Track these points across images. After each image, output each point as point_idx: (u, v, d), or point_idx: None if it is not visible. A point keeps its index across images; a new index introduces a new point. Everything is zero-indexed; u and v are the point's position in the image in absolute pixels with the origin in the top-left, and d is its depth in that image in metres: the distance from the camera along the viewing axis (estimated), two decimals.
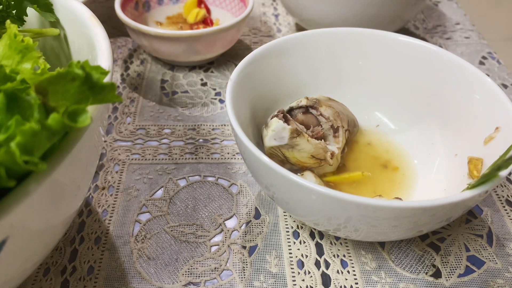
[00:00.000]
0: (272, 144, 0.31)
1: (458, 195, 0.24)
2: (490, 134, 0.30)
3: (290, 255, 0.31)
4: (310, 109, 0.34)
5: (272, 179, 0.26)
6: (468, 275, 0.30)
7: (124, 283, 0.29)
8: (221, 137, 0.40)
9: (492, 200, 0.35)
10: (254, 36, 0.55)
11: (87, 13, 0.27)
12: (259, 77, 0.35)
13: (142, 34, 0.44)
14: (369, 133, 0.38)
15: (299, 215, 0.29)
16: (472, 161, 0.30)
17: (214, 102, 0.45)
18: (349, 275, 0.30)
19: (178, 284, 0.29)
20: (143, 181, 0.36)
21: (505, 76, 0.48)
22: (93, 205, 0.34)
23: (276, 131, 0.31)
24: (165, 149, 0.39)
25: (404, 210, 0.23)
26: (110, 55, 0.24)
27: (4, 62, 0.23)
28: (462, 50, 0.53)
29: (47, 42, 0.31)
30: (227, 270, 0.30)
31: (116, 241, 0.32)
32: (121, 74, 0.48)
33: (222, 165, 0.38)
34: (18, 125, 0.16)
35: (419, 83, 0.36)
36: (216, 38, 0.45)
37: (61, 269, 0.30)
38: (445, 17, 0.60)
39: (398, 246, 0.32)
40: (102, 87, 0.17)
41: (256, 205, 0.34)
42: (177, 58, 0.47)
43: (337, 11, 0.46)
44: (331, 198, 0.24)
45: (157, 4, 0.53)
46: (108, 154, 0.38)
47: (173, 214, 0.34)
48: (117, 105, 0.44)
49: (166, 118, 0.42)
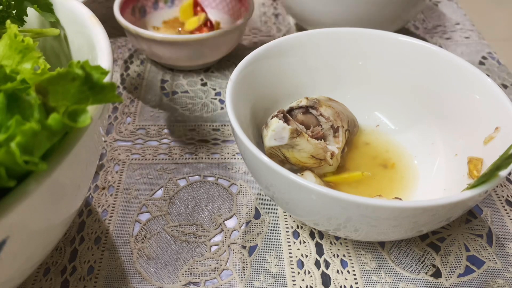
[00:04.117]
0: (272, 144, 0.31)
1: (458, 195, 0.24)
2: (490, 134, 0.30)
3: (290, 255, 0.31)
4: (310, 109, 0.34)
5: (272, 179, 0.26)
6: (468, 275, 0.30)
7: (124, 283, 0.29)
8: (221, 137, 0.40)
9: (492, 200, 0.35)
10: (254, 36, 0.55)
11: (87, 13, 0.27)
12: (259, 77, 0.35)
13: (143, 39, 0.44)
14: (369, 133, 0.38)
15: (299, 215, 0.29)
16: (472, 161, 0.30)
17: (214, 102, 0.45)
18: (349, 275, 0.30)
19: (178, 284, 0.29)
20: (143, 181, 0.36)
21: (505, 76, 0.48)
22: (93, 205, 0.34)
23: (276, 131, 0.31)
24: (165, 149, 0.39)
25: (404, 210, 0.23)
26: (110, 55, 0.24)
27: (4, 62, 0.23)
28: (462, 50, 0.53)
29: (47, 42, 0.31)
30: (227, 270, 0.30)
31: (116, 241, 0.32)
32: (121, 74, 0.48)
33: (222, 165, 0.38)
34: (18, 125, 0.16)
35: (419, 83, 0.36)
36: (222, 40, 0.44)
37: (61, 269, 0.30)
38: (445, 17, 0.60)
39: (398, 246, 0.32)
40: (102, 87, 0.17)
41: (256, 205, 0.34)
42: (179, 62, 0.46)
43: (337, 11, 0.46)
44: (331, 198, 0.24)
45: (152, 9, 0.52)
46: (108, 154, 0.38)
47: (173, 214, 0.34)
48: (117, 105, 0.44)
49: (166, 118, 0.42)
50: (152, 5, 0.52)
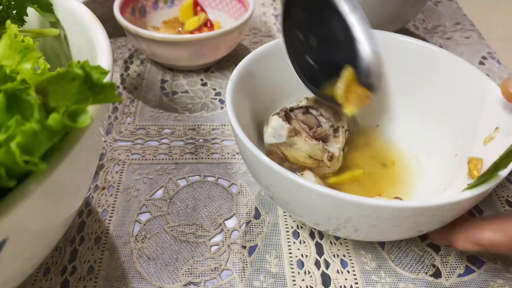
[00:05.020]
0: (271, 141, 0.31)
1: (458, 195, 0.24)
2: (490, 134, 0.30)
3: (290, 255, 0.31)
4: (310, 109, 0.34)
5: (272, 179, 0.26)
6: (468, 275, 0.30)
7: (124, 283, 0.29)
8: (221, 137, 0.40)
9: (492, 200, 0.35)
10: (254, 36, 0.55)
11: (87, 13, 0.27)
12: (259, 77, 0.35)
13: (143, 39, 0.44)
14: (369, 133, 0.38)
15: (299, 215, 0.29)
16: (472, 161, 0.30)
17: (214, 102, 0.45)
18: (349, 275, 0.30)
19: (178, 284, 0.29)
20: (143, 181, 0.36)
21: (505, 76, 0.48)
22: (93, 205, 0.34)
23: (275, 128, 0.31)
24: (165, 149, 0.39)
25: (404, 210, 0.23)
26: (110, 55, 0.24)
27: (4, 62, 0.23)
28: (462, 50, 0.53)
29: (47, 42, 0.31)
30: (227, 270, 0.30)
31: (116, 241, 0.32)
32: (121, 74, 0.48)
33: (222, 165, 0.38)
34: (18, 125, 0.16)
35: (419, 83, 0.36)
36: (222, 40, 0.44)
37: (61, 269, 0.30)
38: (445, 17, 0.60)
39: (398, 246, 0.32)
40: (102, 87, 0.17)
41: (256, 205, 0.34)
42: (179, 62, 0.46)
43: None
44: (331, 198, 0.24)
45: (152, 9, 0.52)
46: (108, 154, 0.38)
47: (173, 214, 0.34)
48: (117, 105, 0.44)
49: (166, 118, 0.42)
50: (152, 5, 0.52)
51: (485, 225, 0.26)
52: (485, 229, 0.26)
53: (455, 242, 0.27)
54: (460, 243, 0.27)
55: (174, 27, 0.52)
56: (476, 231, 0.26)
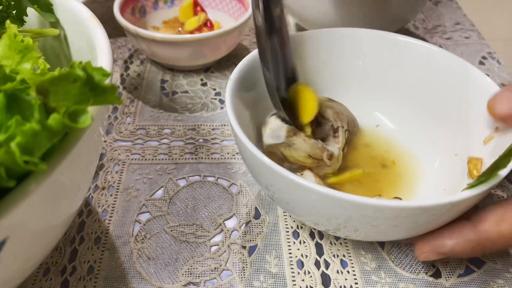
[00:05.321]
0: (270, 142, 0.31)
1: (458, 195, 0.24)
2: (490, 134, 0.30)
3: (290, 255, 0.31)
4: None
5: (271, 179, 0.26)
6: (468, 275, 0.30)
7: (124, 283, 0.29)
8: (221, 137, 0.40)
9: (492, 201, 0.35)
10: (254, 36, 0.55)
11: (87, 13, 0.27)
12: (259, 77, 0.35)
13: (143, 39, 0.44)
14: (369, 133, 0.38)
15: (299, 215, 0.29)
16: (472, 161, 0.30)
17: (214, 102, 0.45)
18: (349, 275, 0.30)
19: (178, 284, 0.29)
20: (143, 181, 0.36)
21: (505, 76, 0.48)
22: (93, 205, 0.34)
23: (274, 129, 0.31)
24: (165, 149, 0.39)
25: (404, 210, 0.23)
26: (110, 55, 0.24)
27: (4, 62, 0.23)
28: (462, 50, 0.53)
29: (47, 42, 0.31)
30: (227, 270, 0.30)
31: (116, 241, 0.32)
32: (121, 74, 0.48)
33: (222, 165, 0.38)
34: (18, 125, 0.16)
35: (419, 83, 0.36)
36: (222, 40, 0.44)
37: (61, 269, 0.30)
38: (445, 17, 0.60)
39: (398, 246, 0.32)
40: (104, 89, 0.17)
41: (256, 205, 0.34)
42: (179, 62, 0.46)
43: (337, 11, 0.46)
44: (331, 198, 0.24)
45: (152, 9, 0.52)
46: (108, 154, 0.38)
47: (173, 214, 0.34)
48: (117, 105, 0.44)
49: (166, 118, 0.42)
50: (152, 5, 0.52)
51: (443, 233, 0.26)
52: (444, 237, 0.26)
53: (418, 255, 0.27)
54: (422, 256, 0.27)
55: (174, 27, 0.52)
56: (435, 241, 0.26)
